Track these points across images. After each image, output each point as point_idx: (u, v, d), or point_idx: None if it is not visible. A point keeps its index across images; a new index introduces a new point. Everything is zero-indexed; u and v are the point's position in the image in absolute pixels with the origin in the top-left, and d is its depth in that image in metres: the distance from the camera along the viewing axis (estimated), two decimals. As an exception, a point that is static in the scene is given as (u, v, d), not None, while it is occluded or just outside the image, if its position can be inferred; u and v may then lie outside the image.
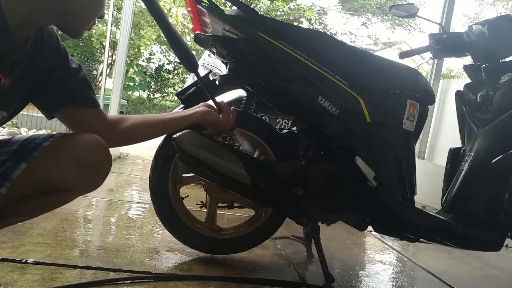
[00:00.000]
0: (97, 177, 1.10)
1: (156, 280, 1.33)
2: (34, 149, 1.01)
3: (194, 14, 1.52)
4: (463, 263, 2.18)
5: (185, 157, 1.36)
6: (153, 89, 12.25)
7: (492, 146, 1.59)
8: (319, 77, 1.41)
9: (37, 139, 1.05)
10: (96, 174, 1.09)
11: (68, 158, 1.02)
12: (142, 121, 1.27)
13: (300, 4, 11.81)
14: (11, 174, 0.97)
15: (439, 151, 4.20)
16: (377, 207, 1.51)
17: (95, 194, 2.29)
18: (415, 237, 1.56)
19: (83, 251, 1.47)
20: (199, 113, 1.32)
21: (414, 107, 1.54)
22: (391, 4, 2.39)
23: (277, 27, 1.44)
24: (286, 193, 1.46)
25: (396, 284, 1.71)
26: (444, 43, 1.79)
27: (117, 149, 3.73)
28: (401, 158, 1.53)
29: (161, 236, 1.79)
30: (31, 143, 1.04)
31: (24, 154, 1.00)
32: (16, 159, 0.99)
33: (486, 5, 16.59)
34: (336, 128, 1.46)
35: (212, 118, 1.34)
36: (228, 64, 1.61)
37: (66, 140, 1.05)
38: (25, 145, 1.04)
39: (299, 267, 1.68)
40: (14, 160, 0.99)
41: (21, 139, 1.06)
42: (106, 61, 5.90)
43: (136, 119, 1.26)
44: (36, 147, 1.02)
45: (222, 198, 1.60)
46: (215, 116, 1.35)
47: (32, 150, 1.01)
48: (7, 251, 1.35)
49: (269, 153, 1.55)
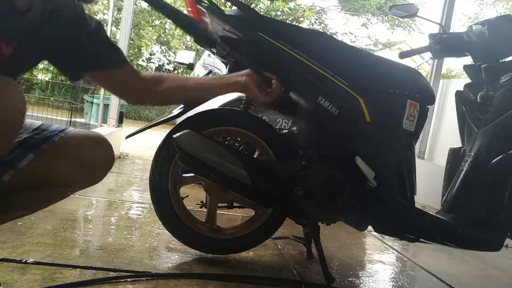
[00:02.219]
0: (97, 175, 1.11)
1: (157, 278, 1.33)
2: (44, 141, 1.01)
3: (194, 14, 1.52)
4: (463, 263, 2.18)
5: (185, 157, 1.36)
6: (153, 89, 12.29)
7: (492, 146, 1.59)
8: (319, 77, 1.41)
9: (48, 130, 1.05)
10: (98, 172, 1.10)
11: (74, 158, 1.03)
12: (178, 84, 1.21)
13: (300, 4, 11.81)
14: (18, 163, 0.97)
15: (439, 151, 4.20)
16: (377, 207, 1.51)
17: (95, 194, 2.29)
18: (415, 237, 1.56)
19: (83, 251, 1.47)
20: (244, 81, 1.23)
21: (414, 107, 1.54)
22: (391, 4, 2.39)
23: (277, 27, 1.44)
24: (286, 193, 1.46)
25: (396, 284, 1.71)
26: (444, 43, 1.79)
27: (117, 149, 3.73)
28: (401, 158, 1.53)
29: (161, 236, 1.79)
30: (42, 133, 1.03)
31: (33, 144, 1.00)
32: (25, 148, 0.99)
33: (486, 5, 16.58)
34: (336, 128, 1.46)
35: (255, 87, 1.26)
36: (228, 64, 1.61)
37: (75, 138, 1.06)
38: (36, 134, 1.03)
39: (299, 267, 1.68)
40: (23, 149, 0.99)
41: (32, 127, 1.05)
42: (106, 61, 5.89)
43: (173, 82, 1.20)
44: (46, 139, 1.02)
45: (222, 198, 1.61)
46: (259, 84, 1.27)
47: (42, 142, 1.01)
48: (7, 251, 1.35)
49: (269, 153, 1.55)
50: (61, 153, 1.02)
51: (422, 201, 3.03)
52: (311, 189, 1.45)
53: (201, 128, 1.46)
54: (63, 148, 1.02)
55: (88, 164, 1.05)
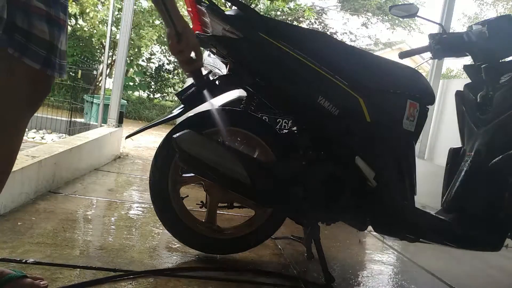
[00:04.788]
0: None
1: (157, 278, 1.33)
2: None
3: (194, 14, 1.52)
4: (463, 263, 2.18)
5: (185, 157, 1.36)
6: (153, 89, 12.25)
7: (492, 146, 1.59)
8: (319, 77, 1.41)
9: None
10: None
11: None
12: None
13: (300, 4, 11.79)
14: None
15: (439, 151, 4.20)
16: (377, 207, 1.51)
17: (95, 194, 2.29)
18: (415, 237, 1.56)
19: (83, 251, 1.47)
20: (181, 31, 1.19)
21: (414, 107, 1.54)
22: (391, 4, 2.39)
23: (277, 27, 1.44)
24: (286, 193, 1.46)
25: (396, 284, 1.71)
26: (444, 43, 1.79)
27: (117, 149, 3.73)
28: (401, 158, 1.53)
29: (161, 236, 1.79)
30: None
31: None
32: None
33: (486, 5, 16.59)
34: (336, 128, 1.46)
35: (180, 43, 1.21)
36: (228, 64, 1.61)
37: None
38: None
39: (299, 267, 1.68)
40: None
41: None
42: (106, 61, 5.89)
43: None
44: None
45: (222, 198, 1.61)
46: (188, 45, 1.23)
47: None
48: (7, 251, 1.35)
49: (269, 153, 1.55)
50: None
51: (422, 201, 3.02)
52: (311, 189, 1.45)
53: (201, 128, 1.46)
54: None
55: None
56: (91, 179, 2.67)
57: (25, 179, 1.89)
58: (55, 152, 2.27)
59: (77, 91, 5.89)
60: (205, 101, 1.46)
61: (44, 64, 0.98)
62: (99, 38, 9.58)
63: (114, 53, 9.28)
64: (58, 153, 2.29)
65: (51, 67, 1.01)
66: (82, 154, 2.71)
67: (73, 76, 6.54)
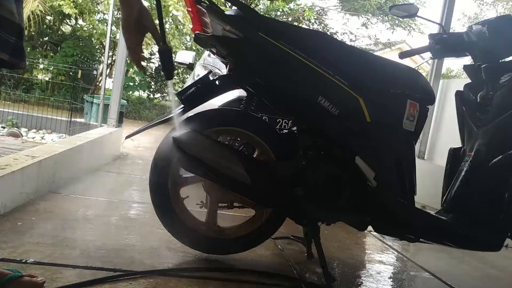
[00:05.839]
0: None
1: (157, 278, 1.33)
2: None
3: (194, 14, 1.52)
4: (463, 263, 2.18)
5: (185, 157, 1.36)
6: (153, 89, 12.26)
7: (492, 146, 1.59)
8: (319, 77, 1.41)
9: None
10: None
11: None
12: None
13: (300, 4, 11.79)
14: None
15: (439, 151, 4.19)
16: (377, 207, 1.51)
17: (95, 194, 2.29)
18: (415, 237, 1.56)
19: (83, 251, 1.47)
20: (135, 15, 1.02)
21: (414, 107, 1.54)
22: (391, 4, 2.39)
23: (277, 27, 1.44)
24: (286, 193, 1.46)
25: (396, 284, 1.71)
26: (444, 43, 1.79)
27: (117, 149, 3.73)
28: (401, 158, 1.53)
29: (161, 236, 1.79)
30: None
31: None
32: None
33: (486, 5, 16.59)
34: (336, 128, 1.46)
35: None
36: (228, 64, 1.61)
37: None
38: None
39: (299, 267, 1.68)
40: None
41: None
42: (106, 61, 5.90)
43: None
44: None
45: (222, 198, 1.60)
46: None
47: None
48: (7, 251, 1.35)
49: (269, 153, 1.55)
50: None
51: (422, 201, 3.03)
52: (311, 189, 1.45)
53: (201, 128, 1.46)
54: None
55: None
56: (91, 179, 2.67)
57: (25, 179, 1.89)
58: (55, 152, 2.27)
59: (77, 91, 5.89)
60: (205, 101, 1.46)
61: (13, 54, 0.84)
62: (99, 38, 9.58)
63: (114, 53, 9.28)
64: (58, 153, 2.29)
65: (20, 57, 0.86)
66: (82, 154, 2.71)
67: (73, 76, 6.54)
